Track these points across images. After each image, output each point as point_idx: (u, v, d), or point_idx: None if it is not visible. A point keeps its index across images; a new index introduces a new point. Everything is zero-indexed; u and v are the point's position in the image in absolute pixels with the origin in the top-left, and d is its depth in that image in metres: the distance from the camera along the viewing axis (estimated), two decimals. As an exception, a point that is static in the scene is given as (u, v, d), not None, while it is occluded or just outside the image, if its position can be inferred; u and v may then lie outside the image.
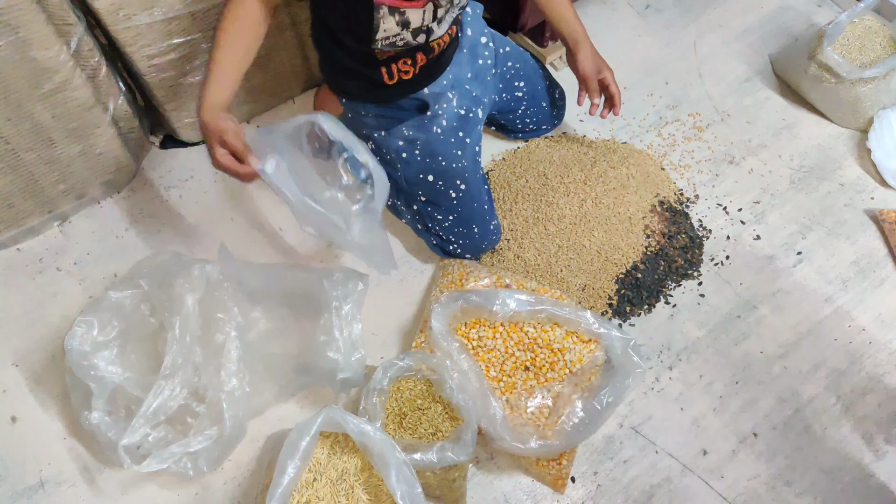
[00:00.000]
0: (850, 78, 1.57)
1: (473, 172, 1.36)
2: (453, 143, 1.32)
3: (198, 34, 1.35)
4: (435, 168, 1.32)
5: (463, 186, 1.34)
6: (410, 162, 1.33)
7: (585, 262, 1.43)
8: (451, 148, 1.32)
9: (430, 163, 1.32)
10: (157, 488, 1.25)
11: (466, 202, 1.35)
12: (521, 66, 1.48)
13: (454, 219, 1.37)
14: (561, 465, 1.23)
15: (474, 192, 1.36)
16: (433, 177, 1.33)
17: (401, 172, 1.35)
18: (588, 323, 1.22)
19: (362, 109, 1.33)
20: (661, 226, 1.50)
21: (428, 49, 1.24)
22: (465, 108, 1.35)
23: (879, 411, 1.37)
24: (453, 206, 1.35)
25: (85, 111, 1.33)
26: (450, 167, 1.32)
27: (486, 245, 1.41)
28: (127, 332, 1.24)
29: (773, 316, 1.46)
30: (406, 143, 1.32)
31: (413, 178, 1.35)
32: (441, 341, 1.19)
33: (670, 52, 1.80)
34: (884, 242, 1.55)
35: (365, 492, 1.13)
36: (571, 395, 1.21)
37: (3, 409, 1.32)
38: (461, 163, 1.33)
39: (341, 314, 1.24)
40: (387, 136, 1.33)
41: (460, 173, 1.33)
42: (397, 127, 1.31)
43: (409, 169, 1.34)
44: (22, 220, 1.44)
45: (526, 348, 1.25)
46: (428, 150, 1.31)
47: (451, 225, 1.37)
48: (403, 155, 1.33)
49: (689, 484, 1.29)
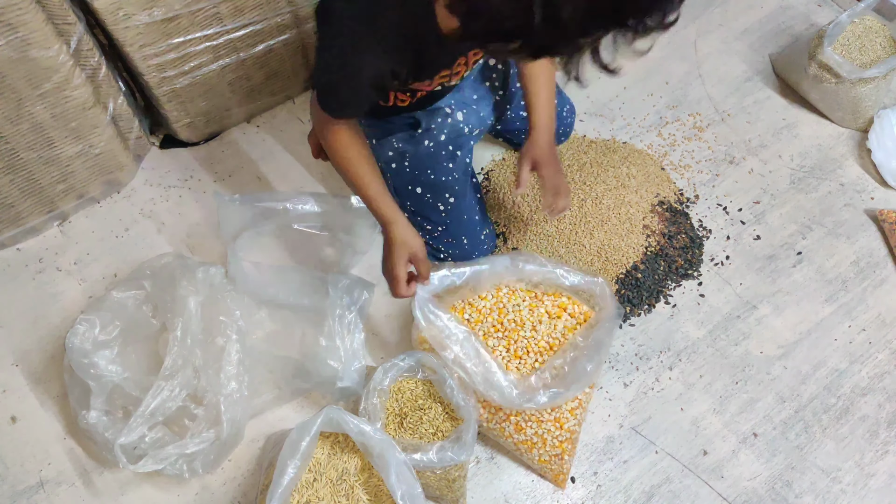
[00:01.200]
0: (851, 78, 1.57)
1: (464, 184, 1.34)
2: (444, 157, 1.30)
3: (198, 34, 1.35)
4: (423, 181, 1.31)
5: (452, 200, 1.33)
6: (400, 172, 1.32)
7: (585, 263, 1.43)
8: (441, 161, 1.30)
9: (419, 175, 1.31)
10: (156, 489, 1.25)
11: (455, 215, 1.34)
12: None
13: (443, 230, 1.36)
14: (562, 461, 1.23)
15: (464, 205, 1.35)
16: (421, 189, 1.32)
17: (390, 181, 1.34)
18: (563, 276, 1.23)
19: None
20: (661, 226, 1.50)
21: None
22: (464, 124, 1.29)
23: (879, 411, 1.37)
24: (442, 219, 1.35)
25: (84, 111, 1.32)
26: (439, 181, 1.31)
27: (478, 254, 1.39)
28: (128, 332, 1.24)
29: (773, 316, 1.46)
30: (396, 153, 1.30)
31: (402, 189, 1.34)
32: (429, 314, 1.17)
33: (670, 52, 1.80)
34: (884, 242, 1.55)
35: (365, 492, 1.13)
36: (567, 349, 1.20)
37: (3, 409, 1.32)
38: (451, 175, 1.31)
39: (344, 322, 1.24)
40: (377, 146, 1.32)
41: (450, 187, 1.32)
42: (387, 138, 1.30)
43: (398, 179, 1.33)
44: (22, 220, 1.44)
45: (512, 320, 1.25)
46: (417, 163, 1.30)
47: (440, 235, 1.36)
48: (393, 165, 1.32)
49: (689, 484, 1.29)
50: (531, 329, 1.23)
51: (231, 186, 1.56)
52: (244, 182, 1.57)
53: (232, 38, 1.40)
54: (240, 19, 1.38)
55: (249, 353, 1.23)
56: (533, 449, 1.22)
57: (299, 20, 1.48)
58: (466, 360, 1.15)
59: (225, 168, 1.58)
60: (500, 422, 1.22)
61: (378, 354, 1.38)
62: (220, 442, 1.16)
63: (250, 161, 1.60)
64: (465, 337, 1.17)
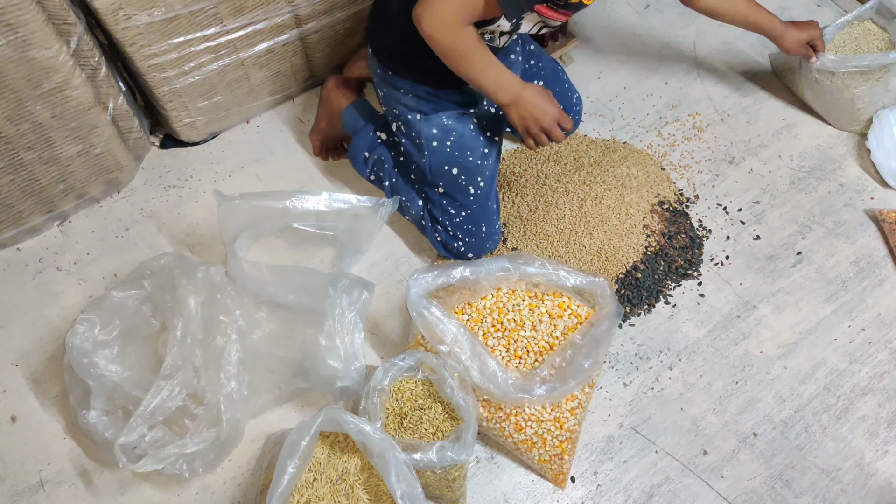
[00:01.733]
0: (837, 70, 1.55)
1: (493, 172, 1.39)
2: (483, 142, 1.34)
3: (198, 34, 1.35)
4: (461, 162, 1.33)
5: (482, 184, 1.36)
6: (440, 151, 1.33)
7: (585, 263, 1.43)
8: (481, 146, 1.34)
9: (459, 156, 1.33)
10: (156, 488, 1.25)
11: (482, 200, 1.37)
12: (544, 66, 1.47)
13: (467, 215, 1.38)
14: (562, 461, 1.23)
15: (492, 193, 1.39)
16: (458, 170, 1.34)
17: (426, 159, 1.35)
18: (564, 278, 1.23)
19: (405, 88, 1.31)
20: (661, 226, 1.50)
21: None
22: (497, 109, 1.37)
23: (879, 411, 1.37)
24: (469, 202, 1.37)
25: (84, 111, 1.33)
26: (476, 164, 1.34)
27: (490, 245, 1.41)
28: (128, 332, 1.24)
29: (773, 316, 1.46)
30: (441, 132, 1.32)
31: (438, 168, 1.35)
32: (423, 310, 1.16)
33: (670, 52, 1.80)
34: (884, 242, 1.55)
35: (365, 492, 1.13)
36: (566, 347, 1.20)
37: (3, 409, 1.32)
38: (487, 161, 1.35)
39: (344, 322, 1.24)
40: (423, 121, 1.32)
41: (483, 171, 1.35)
42: (437, 114, 1.32)
43: (436, 157, 1.34)
44: (22, 220, 1.44)
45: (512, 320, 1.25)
46: (460, 143, 1.33)
47: (462, 221, 1.38)
48: (434, 144, 1.33)
49: (689, 484, 1.29)
50: (531, 329, 1.23)
51: (231, 186, 1.56)
52: (244, 182, 1.57)
53: (232, 38, 1.40)
54: (240, 19, 1.38)
55: (249, 353, 1.23)
56: (533, 449, 1.22)
57: (299, 20, 1.48)
58: (462, 354, 1.15)
59: (225, 168, 1.59)
60: (499, 421, 1.22)
61: (378, 354, 1.38)
62: (219, 441, 1.16)
63: (250, 161, 1.60)
64: (459, 330, 1.17)
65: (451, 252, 1.42)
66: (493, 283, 1.24)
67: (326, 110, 1.55)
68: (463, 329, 1.17)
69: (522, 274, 1.23)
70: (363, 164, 1.49)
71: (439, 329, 1.17)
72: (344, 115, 1.50)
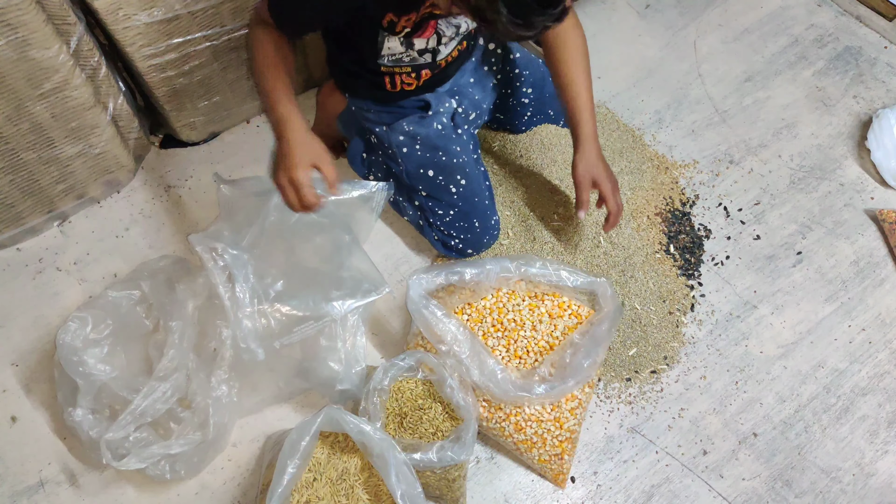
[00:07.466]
0: None
1: (474, 167, 1.37)
2: (454, 140, 1.33)
3: (198, 34, 1.35)
4: (436, 162, 1.33)
5: (463, 181, 1.35)
6: (411, 156, 1.34)
7: (585, 262, 1.43)
8: (451, 143, 1.33)
9: (431, 157, 1.33)
10: (156, 488, 1.25)
11: (467, 197, 1.36)
12: (531, 73, 1.46)
13: (455, 213, 1.37)
14: (562, 461, 1.23)
15: (475, 187, 1.37)
16: (433, 171, 1.34)
17: (402, 167, 1.36)
18: (565, 278, 1.23)
19: (364, 105, 1.35)
20: (661, 226, 1.50)
21: (434, 66, 1.27)
22: (463, 110, 1.37)
23: (879, 411, 1.37)
24: (454, 201, 1.36)
25: (84, 111, 1.32)
26: (450, 162, 1.33)
27: (488, 239, 1.41)
28: (119, 332, 1.24)
29: (773, 316, 1.46)
30: (407, 137, 1.33)
31: (414, 173, 1.35)
32: (423, 310, 1.16)
33: (670, 52, 1.80)
34: (884, 242, 1.55)
35: (365, 492, 1.13)
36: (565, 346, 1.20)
37: (3, 409, 1.32)
38: (461, 158, 1.34)
39: (346, 324, 1.24)
40: (388, 131, 1.34)
41: (460, 168, 1.34)
42: (398, 122, 1.33)
43: (409, 163, 1.35)
44: (22, 220, 1.44)
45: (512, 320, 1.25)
46: (429, 145, 1.32)
47: (452, 220, 1.38)
48: (404, 150, 1.33)
49: (689, 484, 1.29)
50: (531, 329, 1.23)
51: (231, 186, 1.56)
52: (244, 182, 1.57)
53: (232, 38, 1.40)
54: (240, 19, 1.38)
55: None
56: (533, 449, 1.22)
57: (299, 20, 1.48)
58: (462, 353, 1.15)
59: (225, 168, 1.58)
60: (499, 421, 1.22)
61: (378, 354, 1.38)
62: (204, 445, 1.16)
63: (250, 161, 1.60)
64: (459, 330, 1.17)
65: (450, 249, 1.42)
66: (493, 284, 1.24)
67: (323, 114, 1.55)
68: (463, 329, 1.17)
69: (523, 274, 1.23)
70: (361, 165, 1.49)
71: (439, 329, 1.17)
72: (340, 119, 1.51)
